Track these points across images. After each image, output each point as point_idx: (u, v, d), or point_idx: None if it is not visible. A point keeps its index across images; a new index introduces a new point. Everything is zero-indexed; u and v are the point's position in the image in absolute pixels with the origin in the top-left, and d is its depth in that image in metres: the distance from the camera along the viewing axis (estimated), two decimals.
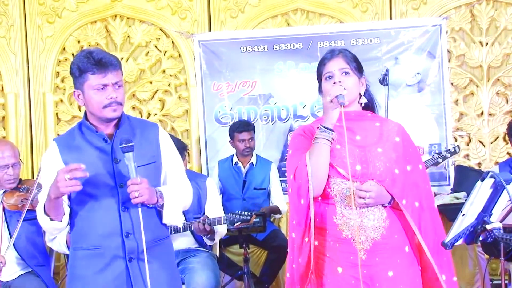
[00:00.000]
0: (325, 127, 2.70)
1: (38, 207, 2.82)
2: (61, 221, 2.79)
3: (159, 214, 2.89)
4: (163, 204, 2.83)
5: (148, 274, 2.71)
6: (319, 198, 2.74)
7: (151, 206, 2.80)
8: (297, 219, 2.76)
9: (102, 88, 2.76)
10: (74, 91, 2.85)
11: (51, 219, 2.77)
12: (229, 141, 5.57)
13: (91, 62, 2.74)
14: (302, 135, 2.85)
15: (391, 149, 2.76)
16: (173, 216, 2.88)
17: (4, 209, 4.03)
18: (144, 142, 2.88)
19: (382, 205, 2.71)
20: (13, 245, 3.97)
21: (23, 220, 3.91)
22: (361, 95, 2.86)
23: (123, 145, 2.69)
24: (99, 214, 2.78)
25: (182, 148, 4.49)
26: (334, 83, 2.77)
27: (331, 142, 2.70)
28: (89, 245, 2.79)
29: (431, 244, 2.73)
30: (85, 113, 2.90)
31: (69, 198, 2.84)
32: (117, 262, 2.77)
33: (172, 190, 2.90)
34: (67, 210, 2.82)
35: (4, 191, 4.07)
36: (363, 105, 2.88)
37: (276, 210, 5.41)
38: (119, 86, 2.81)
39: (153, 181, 2.84)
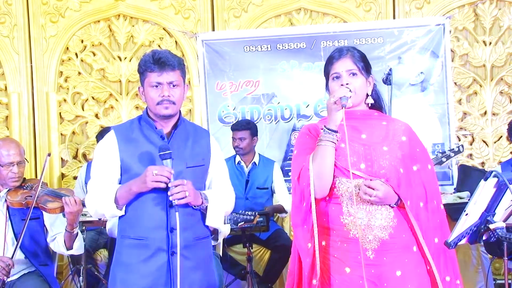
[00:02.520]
0: (329, 129, 2.69)
1: (99, 195, 2.97)
2: (122, 210, 2.97)
3: (202, 215, 3.02)
4: (207, 206, 2.98)
5: (179, 269, 2.86)
6: (327, 198, 2.73)
7: (196, 207, 2.95)
8: (296, 221, 2.76)
9: (156, 86, 2.95)
10: (139, 87, 3.08)
11: (117, 207, 2.94)
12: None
13: (150, 61, 2.94)
14: (308, 134, 2.84)
15: (396, 148, 2.75)
16: (215, 219, 3.03)
17: (8, 207, 4.03)
18: (196, 145, 3.05)
19: (389, 206, 2.70)
20: None
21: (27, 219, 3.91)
22: (368, 95, 2.85)
23: (161, 153, 2.85)
24: (149, 207, 2.93)
25: None
26: (342, 85, 2.75)
27: (336, 144, 2.69)
28: (136, 235, 2.94)
29: (433, 245, 2.73)
30: (146, 108, 3.06)
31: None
32: (160, 255, 2.91)
33: (216, 194, 3.05)
34: None
35: (8, 190, 4.07)
36: (369, 105, 2.86)
37: (281, 209, 5.41)
38: (174, 86, 2.96)
39: (199, 183, 3.01)
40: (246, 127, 5.48)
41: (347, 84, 2.74)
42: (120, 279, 2.97)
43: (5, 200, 4.02)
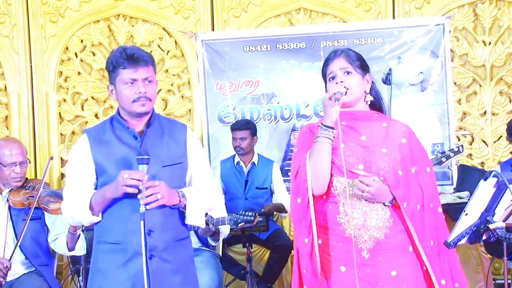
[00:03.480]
0: (325, 126, 2.72)
1: (73, 202, 2.89)
2: (98, 216, 2.88)
3: (181, 215, 2.93)
4: (185, 204, 2.87)
5: (150, 272, 2.78)
6: (324, 197, 2.75)
7: (173, 207, 2.86)
8: (295, 218, 2.79)
9: (131, 83, 2.84)
10: (108, 86, 2.95)
11: (93, 214, 2.85)
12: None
13: (123, 57, 2.83)
14: (309, 133, 2.86)
15: (396, 150, 2.76)
16: (195, 217, 2.92)
17: (9, 207, 4.03)
18: (172, 142, 2.94)
19: (384, 204, 2.71)
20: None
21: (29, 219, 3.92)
22: (366, 93, 2.87)
23: (138, 157, 2.74)
24: (124, 210, 2.83)
25: None
26: (337, 83, 2.79)
27: (332, 140, 2.71)
28: (112, 239, 2.85)
29: (429, 248, 2.72)
30: (118, 108, 2.97)
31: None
32: (138, 259, 2.79)
33: (195, 191, 2.94)
34: None
35: (10, 190, 4.07)
36: (369, 103, 2.88)
37: (281, 208, 5.41)
38: (149, 82, 2.87)
39: (178, 182, 2.91)
40: (246, 127, 5.49)
41: (341, 82, 2.78)
42: (98, 287, 2.88)
43: (7, 200, 4.03)
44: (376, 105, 2.92)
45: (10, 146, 4.08)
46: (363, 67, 2.87)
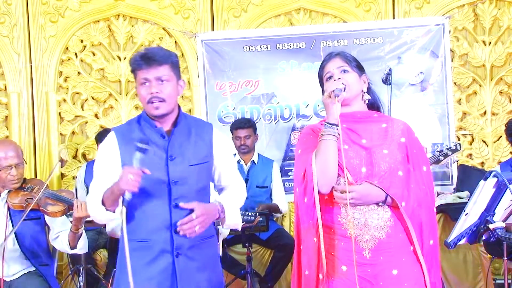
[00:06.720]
0: (329, 123, 2.73)
1: (92, 197, 2.90)
2: (114, 212, 2.87)
3: None
4: (224, 216, 2.95)
5: (177, 270, 2.83)
6: (325, 197, 2.76)
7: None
8: (302, 218, 2.80)
9: (144, 83, 2.84)
10: (136, 88, 2.94)
11: (106, 209, 2.86)
12: (231, 138, 5.60)
13: (137, 58, 2.84)
14: (311, 134, 2.88)
15: (396, 150, 2.77)
16: (234, 220, 3.01)
17: (8, 208, 4.03)
18: (199, 141, 2.95)
19: (377, 204, 2.71)
20: (18, 244, 3.97)
21: (28, 219, 3.91)
22: (363, 92, 2.88)
23: (139, 145, 2.73)
24: (150, 208, 2.84)
25: None
26: (334, 80, 2.81)
27: (337, 137, 2.71)
28: (138, 238, 2.84)
29: (427, 246, 2.74)
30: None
31: None
32: (164, 256, 2.83)
33: (230, 196, 3.03)
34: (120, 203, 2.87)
35: (9, 191, 4.06)
36: (367, 102, 2.89)
37: (275, 208, 5.41)
38: (162, 81, 2.84)
39: (205, 180, 2.97)
40: (249, 125, 5.53)
41: (339, 79, 2.80)
42: (124, 283, 2.87)
43: (6, 202, 4.02)
44: (375, 107, 2.94)
45: (5, 149, 4.04)
46: (359, 68, 2.90)
